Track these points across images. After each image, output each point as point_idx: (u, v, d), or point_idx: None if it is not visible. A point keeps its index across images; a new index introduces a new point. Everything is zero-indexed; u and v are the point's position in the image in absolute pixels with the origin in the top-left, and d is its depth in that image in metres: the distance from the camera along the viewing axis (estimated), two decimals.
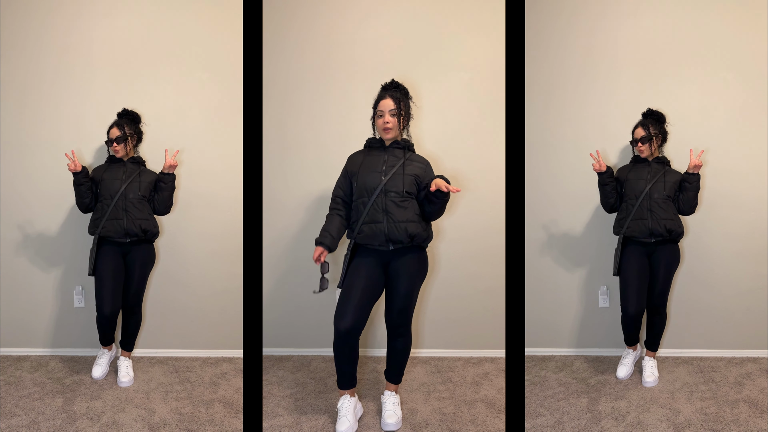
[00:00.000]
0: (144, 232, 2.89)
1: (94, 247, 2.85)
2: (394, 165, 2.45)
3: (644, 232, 2.86)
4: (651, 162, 2.97)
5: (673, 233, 2.87)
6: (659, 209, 2.86)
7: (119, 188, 2.87)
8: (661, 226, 2.84)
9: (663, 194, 2.87)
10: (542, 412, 2.65)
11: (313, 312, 3.31)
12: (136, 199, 2.89)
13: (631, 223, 2.89)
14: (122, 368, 2.95)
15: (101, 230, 2.84)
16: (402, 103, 2.49)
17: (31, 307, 3.26)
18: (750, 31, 3.13)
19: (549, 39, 3.22)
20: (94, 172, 2.96)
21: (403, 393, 2.82)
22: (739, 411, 2.62)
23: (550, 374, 3.07)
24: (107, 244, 2.88)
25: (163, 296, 3.30)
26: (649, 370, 2.93)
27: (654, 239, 2.87)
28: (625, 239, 2.92)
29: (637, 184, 2.91)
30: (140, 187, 2.91)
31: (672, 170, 2.96)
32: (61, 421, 2.53)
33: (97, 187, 2.92)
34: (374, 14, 3.20)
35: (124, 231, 2.85)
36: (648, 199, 2.87)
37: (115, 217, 2.85)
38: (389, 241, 2.42)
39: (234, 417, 2.61)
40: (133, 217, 2.86)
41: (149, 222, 2.92)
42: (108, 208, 2.84)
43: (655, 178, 2.89)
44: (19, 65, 3.15)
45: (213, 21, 3.19)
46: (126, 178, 2.90)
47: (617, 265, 2.90)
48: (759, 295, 3.22)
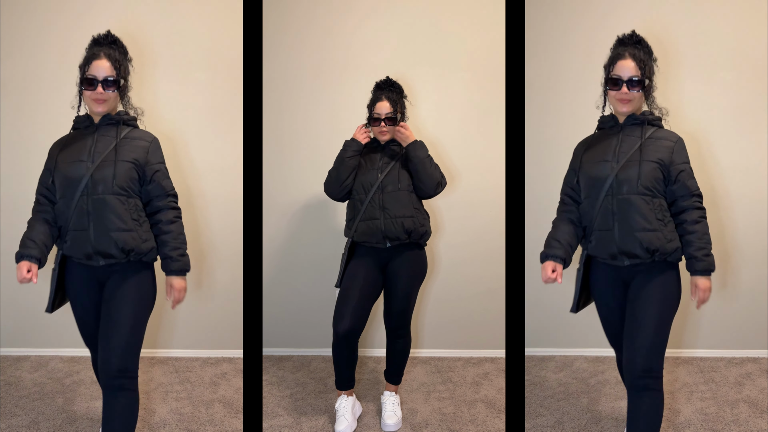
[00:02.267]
0: (126, 253, 1.96)
1: (55, 268, 2.06)
2: (390, 161, 2.46)
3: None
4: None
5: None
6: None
7: (82, 175, 1.94)
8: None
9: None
10: (542, 412, 2.65)
11: (313, 312, 3.31)
12: (108, 192, 1.93)
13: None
14: None
15: (64, 246, 2.02)
16: (398, 104, 2.49)
17: (31, 307, 3.26)
18: (750, 31, 3.13)
19: (549, 38, 3.22)
20: (50, 152, 2.05)
21: (403, 393, 2.82)
22: (739, 411, 2.62)
23: (550, 374, 3.07)
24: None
25: (163, 296, 3.29)
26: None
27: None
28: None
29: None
30: (116, 173, 1.94)
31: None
32: (61, 421, 2.53)
33: (51, 177, 2.00)
34: (374, 14, 3.20)
35: (91, 250, 1.96)
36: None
37: (81, 227, 1.95)
38: (386, 238, 2.41)
39: (234, 417, 2.61)
40: (104, 229, 1.93)
41: (132, 235, 1.97)
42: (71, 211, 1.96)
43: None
44: (19, 65, 3.15)
45: (213, 21, 3.19)
46: (95, 160, 1.96)
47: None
48: (759, 294, 3.22)
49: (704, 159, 3.18)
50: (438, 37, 3.19)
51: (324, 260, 3.25)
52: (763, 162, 3.16)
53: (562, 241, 2.06)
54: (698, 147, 3.18)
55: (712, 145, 3.18)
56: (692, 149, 3.17)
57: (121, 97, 2.08)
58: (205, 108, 3.22)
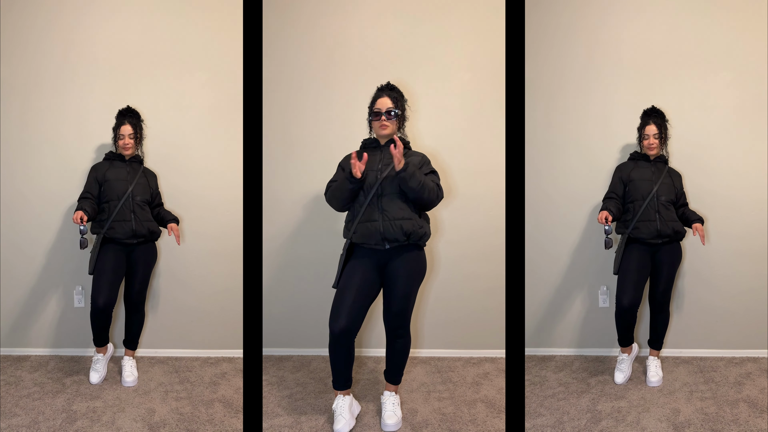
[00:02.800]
0: (151, 234, 2.94)
1: (97, 246, 2.84)
2: (390, 163, 2.45)
3: (652, 233, 2.87)
4: (653, 161, 2.98)
5: (679, 234, 2.92)
6: (666, 211, 2.88)
7: (126, 189, 2.89)
8: (669, 227, 2.88)
9: (670, 197, 2.90)
10: (542, 412, 2.65)
11: (313, 312, 3.31)
12: (142, 201, 2.93)
13: (638, 224, 2.89)
14: (126, 368, 2.94)
15: (108, 231, 2.85)
16: (398, 102, 2.52)
17: (31, 307, 3.27)
18: (750, 32, 3.13)
19: (549, 39, 3.22)
20: (96, 170, 2.95)
21: (403, 393, 2.82)
22: (739, 411, 2.62)
23: (550, 374, 3.07)
24: (111, 243, 2.88)
25: (163, 296, 3.30)
26: (653, 370, 2.93)
27: (661, 240, 2.89)
28: (629, 239, 2.93)
29: (643, 185, 2.92)
30: (145, 189, 2.96)
31: (672, 170, 3.00)
32: (61, 421, 2.53)
33: (100, 186, 2.92)
34: (374, 14, 3.20)
35: (132, 232, 2.87)
36: (655, 201, 2.89)
37: (122, 218, 2.87)
38: (385, 240, 2.41)
39: (234, 417, 2.61)
40: (141, 219, 2.90)
41: (154, 223, 2.97)
42: (115, 209, 2.85)
43: (660, 179, 2.92)
44: (21, 65, 3.16)
45: (213, 21, 3.20)
46: (131, 179, 2.93)
47: (618, 264, 2.89)
48: (759, 294, 3.22)
49: (704, 159, 3.18)
50: (439, 37, 3.19)
51: (324, 260, 3.25)
52: (763, 162, 3.16)
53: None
54: (698, 147, 3.18)
55: (712, 145, 3.18)
56: (692, 150, 3.20)
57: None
58: (205, 108, 3.22)
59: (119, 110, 3.01)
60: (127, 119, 2.97)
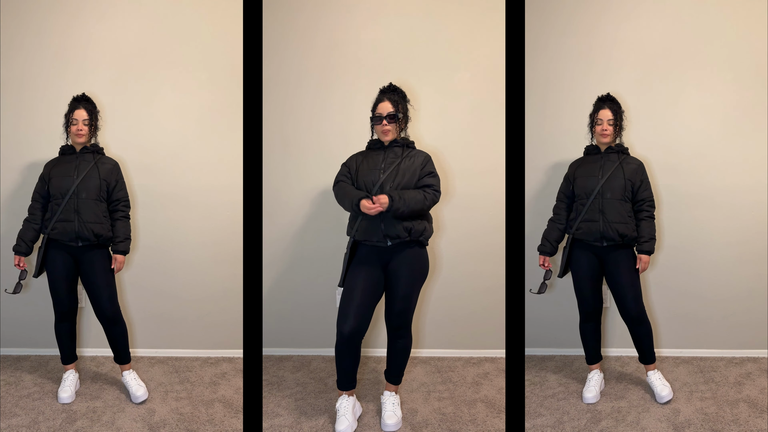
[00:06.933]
0: (97, 237, 2.66)
1: (42, 247, 2.67)
2: (393, 162, 2.48)
3: (594, 234, 2.66)
4: (605, 152, 2.75)
5: (626, 238, 2.65)
6: (612, 210, 2.64)
7: (70, 186, 2.64)
8: (613, 229, 2.63)
9: (617, 193, 2.65)
10: (542, 412, 2.65)
11: (313, 312, 3.31)
12: (90, 198, 2.66)
13: (581, 224, 2.70)
14: (131, 383, 2.76)
15: (51, 231, 2.64)
16: (400, 105, 2.53)
17: (31, 307, 3.26)
18: (750, 32, 3.13)
19: (549, 39, 3.22)
20: (45, 168, 2.75)
21: (403, 393, 2.82)
22: (739, 411, 2.62)
23: (550, 374, 3.07)
24: (56, 246, 2.68)
25: (163, 296, 3.30)
26: (658, 384, 2.73)
27: (606, 243, 2.66)
28: (574, 240, 2.76)
29: (587, 182, 2.71)
30: (94, 182, 2.67)
31: (630, 159, 2.72)
32: (61, 421, 2.53)
33: (47, 185, 2.69)
34: (374, 14, 3.20)
35: (75, 234, 2.63)
36: (600, 199, 2.67)
37: (65, 218, 2.63)
38: (387, 237, 2.43)
39: (234, 417, 2.61)
40: (85, 219, 2.63)
41: (102, 225, 2.68)
42: (59, 209, 2.63)
43: (609, 173, 2.68)
44: (17, 65, 3.15)
45: (213, 21, 3.19)
46: (78, 174, 2.67)
47: (563, 267, 2.78)
48: (759, 295, 3.22)
49: (704, 159, 3.18)
50: (439, 37, 3.18)
51: (324, 261, 3.25)
52: (763, 162, 3.16)
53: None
54: (698, 147, 3.18)
55: (712, 146, 3.17)
56: (692, 150, 3.19)
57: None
58: (205, 108, 3.22)
59: (73, 97, 2.77)
60: (81, 104, 2.72)
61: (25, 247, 2.73)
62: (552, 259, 2.98)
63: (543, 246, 2.83)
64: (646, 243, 2.66)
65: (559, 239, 2.83)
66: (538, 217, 3.29)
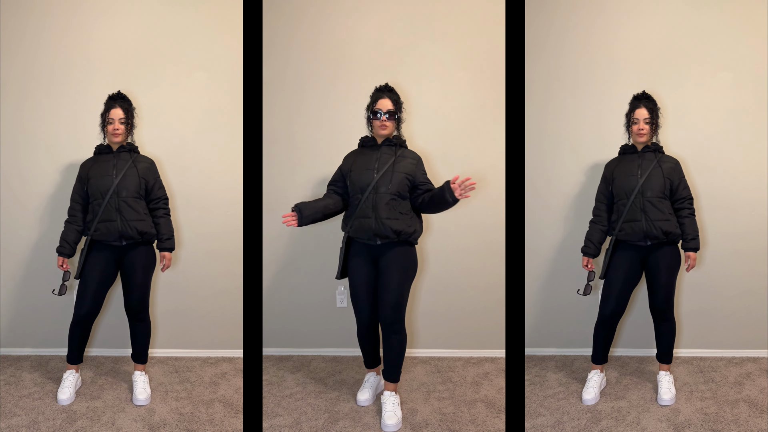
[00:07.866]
0: (141, 235, 2.69)
1: (84, 249, 2.68)
2: (386, 163, 2.57)
3: (638, 234, 2.66)
4: (641, 152, 2.75)
5: (671, 235, 2.66)
6: (654, 209, 2.64)
7: (110, 185, 2.65)
8: (657, 228, 2.63)
9: (658, 192, 2.65)
10: (542, 412, 2.65)
11: (313, 312, 3.31)
12: (130, 197, 2.67)
13: (623, 225, 2.69)
14: (138, 384, 2.76)
15: (94, 233, 2.65)
16: (398, 104, 2.64)
17: (31, 307, 3.26)
18: (750, 31, 3.13)
19: (548, 38, 3.22)
20: (81, 169, 2.76)
21: (403, 393, 2.82)
22: (739, 411, 2.62)
23: (550, 374, 3.07)
24: (99, 246, 2.68)
25: (163, 296, 3.30)
26: (665, 386, 2.72)
27: (650, 242, 2.67)
28: (616, 242, 2.74)
29: (627, 181, 2.69)
30: (133, 181, 2.69)
31: (667, 158, 2.74)
32: (61, 421, 2.53)
33: (85, 185, 2.71)
34: (374, 14, 3.20)
35: (118, 233, 2.64)
36: (641, 198, 2.66)
37: (108, 218, 2.64)
38: (376, 236, 2.54)
39: (234, 417, 2.61)
40: (127, 218, 2.65)
41: (146, 222, 2.71)
42: (100, 209, 2.64)
43: (647, 172, 2.68)
44: (17, 65, 3.15)
45: (213, 20, 3.19)
46: (117, 173, 2.68)
47: (605, 268, 2.74)
48: (759, 295, 3.22)
49: (704, 159, 3.18)
50: (439, 37, 3.19)
51: (324, 260, 3.26)
52: (763, 162, 3.16)
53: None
54: (698, 147, 3.18)
55: (712, 145, 3.17)
56: (692, 150, 3.19)
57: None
58: (205, 108, 3.22)
59: (109, 95, 2.78)
60: (117, 103, 2.73)
61: (69, 249, 2.73)
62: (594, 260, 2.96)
63: (587, 248, 2.83)
64: (693, 240, 2.71)
65: (602, 240, 2.82)
66: (538, 217, 3.29)
